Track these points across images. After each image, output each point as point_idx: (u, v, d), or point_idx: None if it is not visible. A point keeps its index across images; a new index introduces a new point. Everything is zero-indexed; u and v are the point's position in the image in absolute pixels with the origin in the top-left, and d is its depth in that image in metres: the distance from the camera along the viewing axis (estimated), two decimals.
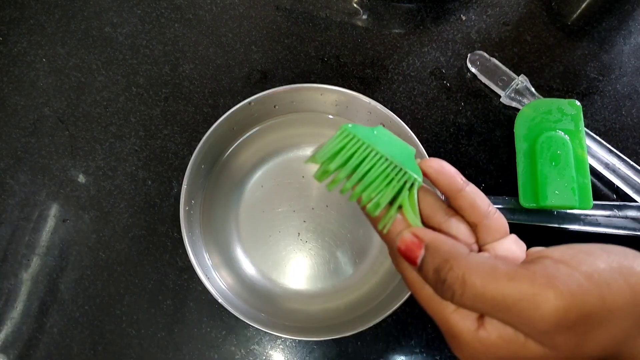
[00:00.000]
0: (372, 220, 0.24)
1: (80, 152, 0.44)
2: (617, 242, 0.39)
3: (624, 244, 0.20)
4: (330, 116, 0.42)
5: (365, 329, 0.33)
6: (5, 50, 0.47)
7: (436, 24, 0.48)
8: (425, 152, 0.37)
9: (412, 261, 0.21)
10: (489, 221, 0.23)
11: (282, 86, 0.38)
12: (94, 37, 0.48)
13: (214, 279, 0.37)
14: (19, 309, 0.40)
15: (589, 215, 0.40)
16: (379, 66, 0.47)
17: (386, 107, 0.38)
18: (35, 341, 0.39)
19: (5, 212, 0.42)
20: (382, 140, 0.24)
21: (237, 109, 0.38)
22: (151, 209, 0.42)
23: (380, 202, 0.23)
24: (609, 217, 0.40)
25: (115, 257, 0.41)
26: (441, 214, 0.23)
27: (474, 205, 0.23)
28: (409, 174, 0.23)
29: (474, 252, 0.23)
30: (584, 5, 0.48)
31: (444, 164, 0.23)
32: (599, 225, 0.40)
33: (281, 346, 0.39)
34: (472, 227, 0.23)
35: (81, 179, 0.43)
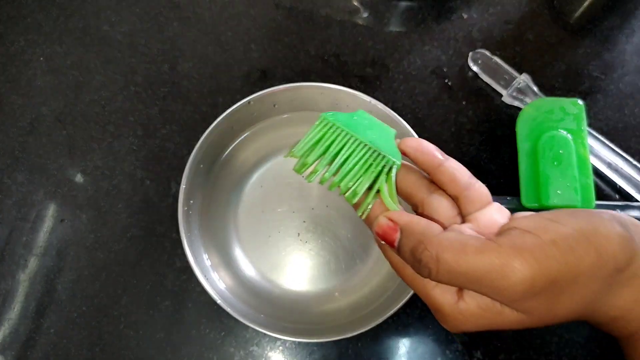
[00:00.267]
0: (353, 205, 0.24)
1: (78, 152, 0.43)
2: None
3: None
4: None
5: (366, 331, 0.33)
6: (2, 48, 0.47)
7: (437, 22, 0.48)
8: None
9: (390, 244, 0.22)
10: (470, 192, 0.24)
11: (282, 85, 0.38)
12: (92, 35, 0.47)
13: (213, 279, 0.36)
14: (16, 310, 0.39)
15: None
16: (380, 65, 0.46)
17: (387, 106, 0.38)
18: (32, 342, 0.39)
19: (2, 212, 0.42)
20: (362, 124, 0.25)
21: (237, 108, 0.37)
22: (149, 209, 0.42)
23: (357, 190, 0.23)
24: None
25: (113, 258, 0.40)
26: (423, 190, 0.24)
27: (454, 178, 0.24)
28: (387, 157, 0.24)
29: (457, 224, 0.24)
30: (586, 3, 0.48)
31: (422, 142, 0.24)
32: None
33: (281, 347, 0.39)
34: (454, 199, 0.24)
35: (79, 178, 0.43)
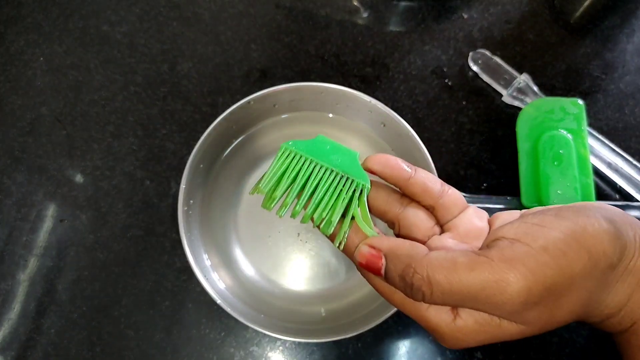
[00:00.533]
0: (329, 237, 0.24)
1: (77, 152, 0.43)
2: None
3: None
4: (330, 115, 0.42)
5: (366, 331, 0.33)
6: (2, 49, 0.47)
7: (438, 22, 0.48)
8: (426, 150, 0.36)
9: (376, 272, 0.21)
10: (444, 199, 0.23)
11: (282, 85, 0.38)
12: (92, 35, 0.47)
13: (213, 279, 0.36)
14: (16, 310, 0.39)
15: None
16: (380, 65, 0.46)
17: (387, 105, 0.38)
18: (32, 342, 0.39)
19: (2, 213, 0.42)
20: (324, 150, 0.24)
21: (236, 107, 0.37)
22: (149, 209, 0.42)
23: (332, 220, 0.22)
24: None
25: (113, 258, 0.40)
26: (396, 205, 0.24)
27: (426, 189, 0.23)
28: (356, 180, 0.23)
29: (436, 235, 0.23)
30: (586, 3, 0.48)
31: (387, 157, 0.24)
32: None
33: (281, 347, 0.39)
34: (430, 209, 0.24)
35: (79, 178, 0.43)
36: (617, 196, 0.42)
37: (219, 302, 0.33)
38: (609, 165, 0.41)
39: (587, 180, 0.38)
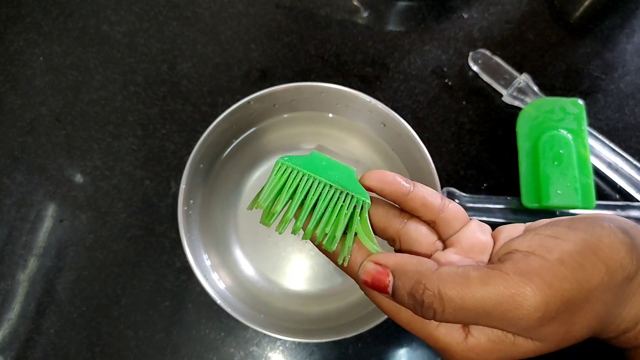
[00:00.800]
0: (329, 255, 0.23)
1: (77, 152, 0.43)
2: None
3: None
4: (330, 115, 0.42)
5: (365, 331, 0.33)
6: (1, 48, 0.47)
7: (438, 22, 0.48)
8: (426, 150, 0.36)
9: (383, 290, 0.20)
10: (445, 214, 0.23)
11: (282, 85, 0.38)
12: (91, 35, 0.47)
13: (213, 280, 0.36)
14: (16, 310, 0.39)
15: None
16: (380, 64, 0.46)
17: (387, 105, 0.38)
18: (32, 342, 0.39)
19: (1, 212, 0.42)
20: (321, 166, 0.23)
21: (236, 107, 0.37)
22: (149, 209, 0.42)
23: (335, 235, 0.22)
24: None
25: (112, 258, 0.40)
26: (397, 221, 0.23)
27: (425, 203, 0.22)
28: (356, 196, 0.22)
29: (439, 251, 0.23)
30: (586, 3, 0.48)
31: (383, 173, 0.23)
32: None
33: (280, 347, 0.39)
34: (430, 224, 0.23)
35: (78, 178, 0.43)
36: (617, 196, 0.42)
37: (219, 302, 0.33)
38: (609, 165, 0.41)
39: (587, 180, 0.38)
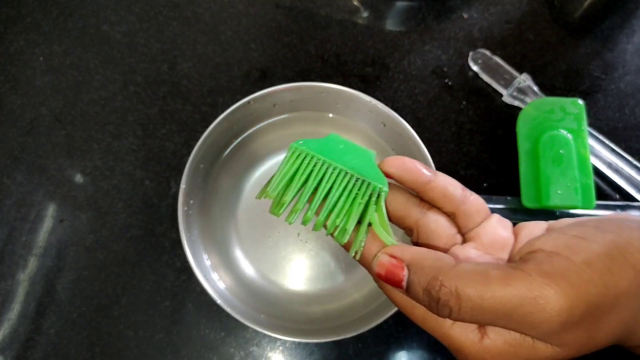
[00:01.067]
0: (343, 245, 0.22)
1: (77, 152, 0.43)
2: None
3: None
4: (330, 115, 0.42)
5: (366, 331, 0.33)
6: (1, 48, 0.47)
7: (438, 22, 0.48)
8: (426, 150, 0.36)
9: (397, 284, 0.20)
10: (466, 206, 0.22)
11: (282, 85, 0.38)
12: (92, 35, 0.47)
13: (213, 280, 0.36)
14: (16, 310, 0.39)
15: (592, 215, 0.40)
16: (380, 64, 0.46)
17: (387, 105, 0.38)
18: (32, 342, 0.39)
19: (1, 212, 0.42)
20: (337, 149, 0.22)
21: (236, 107, 0.37)
22: (149, 209, 0.42)
23: (346, 227, 0.21)
24: None
25: (112, 258, 0.40)
26: (416, 211, 0.22)
27: (447, 193, 0.22)
28: (373, 183, 0.21)
29: (458, 244, 0.22)
30: (586, 3, 0.48)
31: (404, 160, 0.22)
32: None
33: (281, 347, 0.39)
34: (450, 216, 0.22)
35: (78, 178, 0.43)
36: (617, 196, 0.42)
37: (219, 302, 0.33)
38: (609, 165, 0.41)
39: (587, 180, 0.38)
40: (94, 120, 0.44)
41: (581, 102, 0.40)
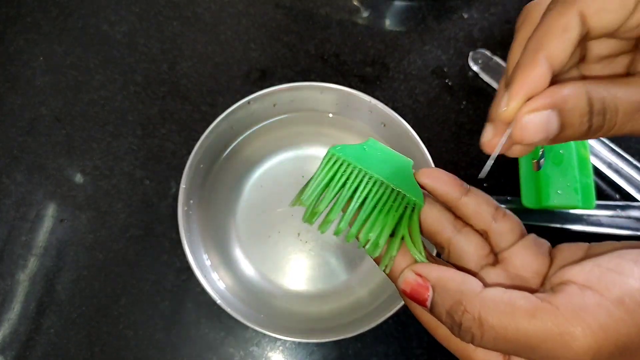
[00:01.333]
0: (374, 260, 0.22)
1: (77, 151, 0.43)
2: None
3: None
4: (330, 115, 0.42)
5: (366, 331, 0.33)
6: (1, 48, 0.47)
7: (438, 22, 0.48)
8: (426, 150, 0.36)
9: (421, 303, 0.19)
10: (499, 224, 0.21)
11: (282, 85, 0.38)
12: (91, 35, 0.47)
13: (213, 279, 0.36)
14: (16, 310, 0.39)
15: (592, 215, 0.40)
16: (380, 64, 0.46)
17: (387, 105, 0.38)
18: (32, 342, 0.39)
19: (1, 212, 0.42)
20: (375, 157, 0.22)
21: (236, 107, 0.37)
22: (149, 208, 0.42)
23: (378, 242, 0.20)
24: (612, 217, 0.40)
25: (112, 258, 0.40)
26: (449, 228, 0.22)
27: (478, 211, 0.21)
28: (408, 197, 0.21)
29: (490, 265, 0.21)
30: None
31: (441, 171, 0.22)
32: (602, 225, 0.40)
33: (280, 347, 0.39)
34: (483, 235, 0.22)
35: (78, 178, 0.43)
36: (617, 196, 0.42)
37: (218, 302, 0.33)
38: (609, 165, 0.41)
39: (587, 180, 0.38)
40: (94, 120, 0.44)
41: None
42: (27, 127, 0.44)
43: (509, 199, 0.40)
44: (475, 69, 0.45)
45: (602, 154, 0.42)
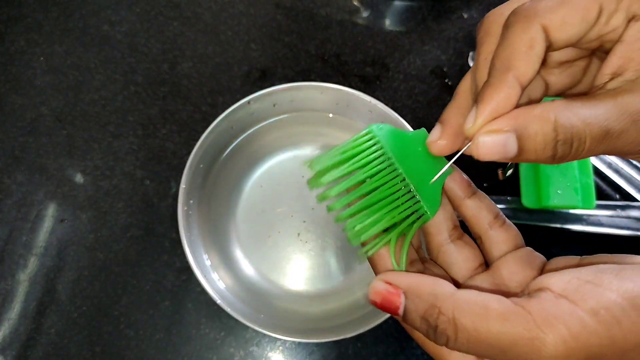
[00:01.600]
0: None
1: (77, 152, 0.43)
2: (619, 242, 0.39)
3: (627, 245, 0.19)
4: (330, 115, 0.42)
5: (365, 331, 0.33)
6: (2, 48, 0.47)
7: (438, 22, 0.48)
8: None
9: (393, 312, 0.19)
10: (493, 232, 0.21)
11: (282, 84, 0.38)
12: (92, 35, 0.47)
13: (213, 279, 0.36)
14: (16, 310, 0.39)
15: (592, 215, 0.40)
16: (380, 64, 0.46)
17: (387, 105, 0.38)
18: (32, 342, 0.39)
19: (2, 212, 0.42)
20: (414, 152, 0.20)
21: (236, 107, 0.37)
22: (149, 208, 0.42)
23: (361, 237, 0.19)
24: (611, 217, 0.40)
25: (113, 258, 0.40)
26: (444, 235, 0.22)
27: (477, 215, 0.22)
28: (421, 205, 0.20)
29: (478, 274, 0.21)
30: None
31: (456, 172, 0.22)
32: (602, 225, 0.40)
33: (280, 347, 0.39)
34: (477, 240, 0.22)
35: (79, 178, 0.43)
36: (617, 196, 0.42)
37: (219, 302, 0.33)
38: (609, 165, 0.41)
39: (587, 180, 0.38)
40: (95, 120, 0.44)
41: None
42: (27, 127, 0.44)
43: (509, 199, 0.40)
44: None
45: None
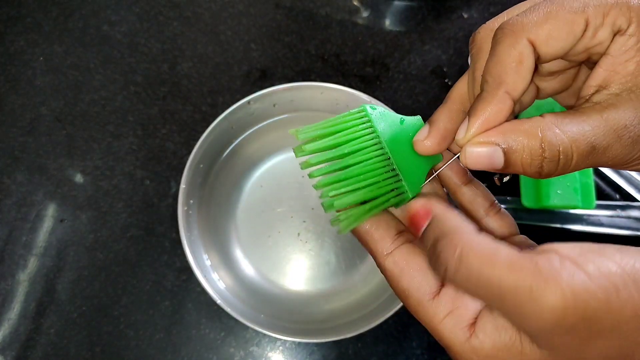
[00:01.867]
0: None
1: (77, 152, 0.43)
2: (619, 242, 0.39)
3: (627, 244, 0.20)
4: (330, 115, 0.42)
5: (365, 331, 0.33)
6: (2, 48, 0.47)
7: (437, 22, 0.48)
8: None
9: (416, 230, 0.20)
10: (489, 220, 0.22)
11: (282, 85, 0.38)
12: (92, 35, 0.47)
13: (213, 279, 0.36)
14: (16, 310, 0.39)
15: (592, 215, 0.40)
16: (380, 64, 0.46)
17: (387, 105, 0.38)
18: (32, 342, 0.39)
19: (2, 212, 0.42)
20: (404, 134, 0.20)
21: (236, 107, 0.37)
22: (149, 208, 0.42)
23: (334, 204, 0.20)
24: (611, 217, 0.40)
25: (112, 258, 0.40)
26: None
27: (473, 202, 0.22)
28: (402, 184, 0.20)
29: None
30: None
31: (455, 160, 0.22)
32: (602, 225, 0.40)
33: (280, 347, 0.39)
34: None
35: (78, 178, 0.43)
36: (617, 196, 0.42)
37: (219, 302, 0.33)
38: None
39: (587, 180, 0.38)
40: (94, 120, 0.44)
41: None
42: (27, 127, 0.44)
43: (509, 199, 0.40)
44: None
45: None
